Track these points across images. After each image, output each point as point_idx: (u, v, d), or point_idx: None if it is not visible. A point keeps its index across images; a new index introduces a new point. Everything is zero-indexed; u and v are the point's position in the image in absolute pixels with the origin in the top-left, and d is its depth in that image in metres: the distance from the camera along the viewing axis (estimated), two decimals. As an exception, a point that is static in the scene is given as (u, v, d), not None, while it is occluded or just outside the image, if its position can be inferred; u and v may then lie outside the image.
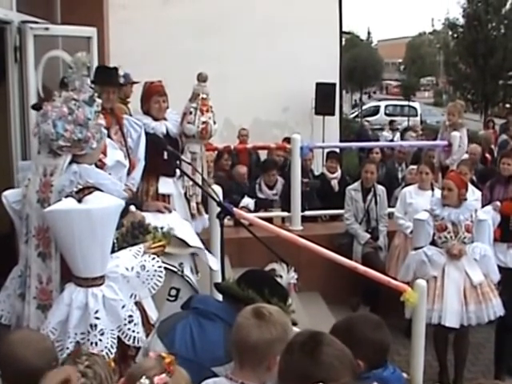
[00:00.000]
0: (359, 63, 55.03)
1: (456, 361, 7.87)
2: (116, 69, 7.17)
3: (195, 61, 11.90)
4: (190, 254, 6.04)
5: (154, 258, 4.75)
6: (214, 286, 4.48)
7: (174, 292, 5.67)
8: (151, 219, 5.79)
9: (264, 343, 3.27)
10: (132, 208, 5.47)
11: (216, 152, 10.88)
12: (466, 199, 7.70)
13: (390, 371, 3.99)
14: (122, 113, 7.07)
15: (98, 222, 4.40)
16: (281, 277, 4.41)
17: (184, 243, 5.81)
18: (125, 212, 5.03)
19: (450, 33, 41.91)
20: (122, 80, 7.92)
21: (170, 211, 6.42)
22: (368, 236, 9.43)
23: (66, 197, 4.48)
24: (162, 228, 5.57)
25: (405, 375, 5.75)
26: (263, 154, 13.16)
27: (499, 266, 7.84)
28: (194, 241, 5.95)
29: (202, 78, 7.33)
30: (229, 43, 15.00)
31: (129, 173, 6.35)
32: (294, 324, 3.87)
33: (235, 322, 3.39)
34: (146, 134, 6.84)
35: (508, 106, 40.55)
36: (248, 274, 4.15)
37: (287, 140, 11.26)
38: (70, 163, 4.65)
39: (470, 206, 7.70)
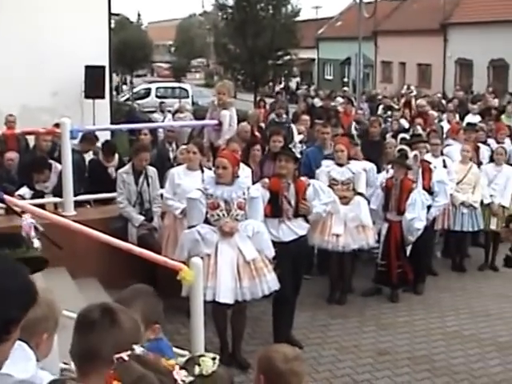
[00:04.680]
0: (129, 46, 54.80)
1: (233, 336, 7.99)
2: None
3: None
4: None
5: None
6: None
7: None
8: None
9: (29, 322, 3.23)
10: None
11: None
12: (238, 176, 7.80)
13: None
14: None
15: None
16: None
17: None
18: None
19: (220, 14, 42.58)
20: None
21: None
22: (142, 218, 9.38)
23: None
24: None
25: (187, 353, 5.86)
26: (33, 140, 12.82)
27: (273, 241, 7.98)
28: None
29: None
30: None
31: None
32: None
33: None
34: None
35: (278, 85, 41.90)
36: None
37: (58, 126, 11.07)
38: None
39: (242, 184, 7.79)
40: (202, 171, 9.07)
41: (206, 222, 7.63)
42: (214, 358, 3.27)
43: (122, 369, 2.58)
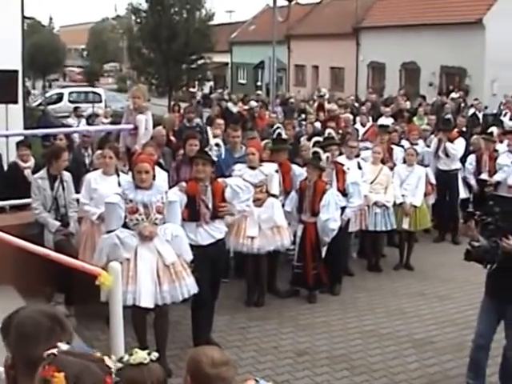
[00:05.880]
0: (41, 50, 54.12)
1: (157, 340, 7.92)
2: None
3: None
4: None
5: None
6: None
7: None
8: None
9: None
10: None
11: None
12: (154, 179, 7.77)
13: None
14: None
15: None
16: None
17: None
18: None
19: (134, 18, 42.36)
20: None
21: None
22: (58, 224, 9.22)
23: None
24: None
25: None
26: None
27: (191, 245, 7.99)
28: None
29: None
30: None
31: None
32: None
33: None
34: None
35: (192, 89, 41.82)
36: None
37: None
38: None
39: (160, 188, 7.80)
40: (118, 175, 9.07)
41: (125, 226, 7.59)
42: (149, 353, 3.28)
43: (58, 363, 2.59)
